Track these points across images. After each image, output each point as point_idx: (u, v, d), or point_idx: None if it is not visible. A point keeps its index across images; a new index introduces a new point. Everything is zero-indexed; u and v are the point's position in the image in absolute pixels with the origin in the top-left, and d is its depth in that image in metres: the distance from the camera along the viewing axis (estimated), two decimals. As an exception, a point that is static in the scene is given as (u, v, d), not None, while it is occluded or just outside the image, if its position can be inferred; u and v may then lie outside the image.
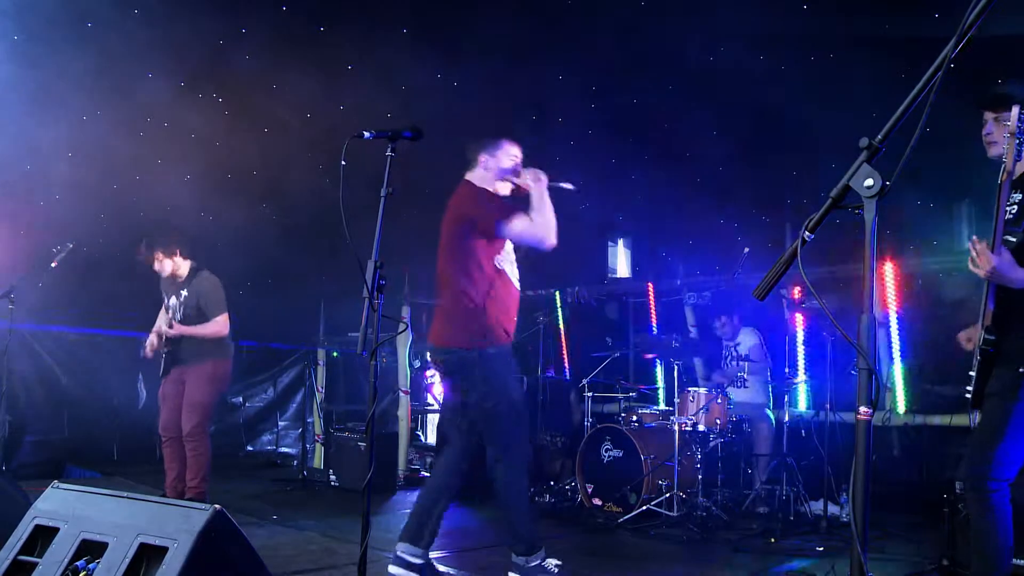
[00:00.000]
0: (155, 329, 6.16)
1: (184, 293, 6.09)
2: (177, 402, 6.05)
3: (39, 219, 7.29)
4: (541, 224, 4.30)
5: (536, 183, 4.42)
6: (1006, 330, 3.30)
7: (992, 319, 3.31)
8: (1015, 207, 3.38)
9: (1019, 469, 3.26)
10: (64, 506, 2.96)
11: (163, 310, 6.28)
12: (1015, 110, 3.08)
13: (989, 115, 3.46)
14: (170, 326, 6.01)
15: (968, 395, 3.43)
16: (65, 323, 8.67)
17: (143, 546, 2.69)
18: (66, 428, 8.40)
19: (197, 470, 5.98)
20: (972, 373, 3.41)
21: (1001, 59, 4.56)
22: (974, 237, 3.21)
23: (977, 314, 3.40)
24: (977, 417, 3.46)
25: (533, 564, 4.26)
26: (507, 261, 4.40)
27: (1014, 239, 3.26)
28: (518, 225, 4.25)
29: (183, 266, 6.12)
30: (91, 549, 2.78)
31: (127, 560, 2.67)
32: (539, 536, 4.37)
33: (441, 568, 4.64)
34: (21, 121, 5.87)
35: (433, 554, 4.96)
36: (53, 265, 6.42)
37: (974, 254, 3.18)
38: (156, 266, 6.10)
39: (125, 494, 2.93)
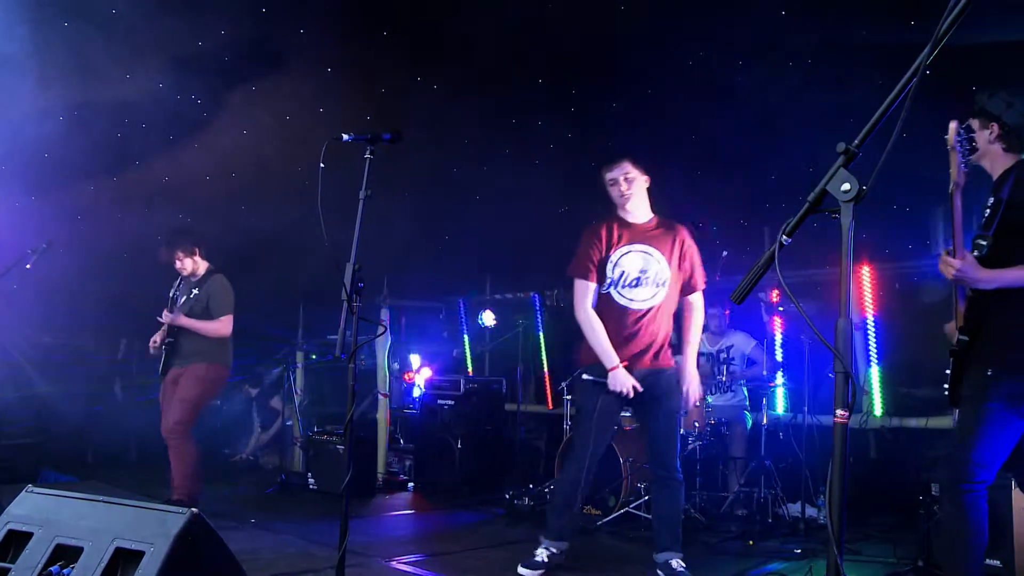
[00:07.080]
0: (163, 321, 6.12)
1: (195, 291, 6.15)
2: (171, 403, 5.96)
3: (14, 221, 7.20)
4: None
5: None
6: (977, 332, 3.35)
7: (964, 320, 3.38)
8: (988, 210, 3.43)
9: (997, 471, 3.27)
10: (38, 510, 2.92)
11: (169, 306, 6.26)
12: (953, 125, 3.12)
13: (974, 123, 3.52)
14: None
15: (947, 394, 3.49)
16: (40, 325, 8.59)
17: (119, 551, 2.67)
18: (40, 431, 8.29)
19: (182, 471, 5.87)
20: (948, 371, 3.46)
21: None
22: (947, 248, 3.31)
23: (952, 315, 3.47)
24: (957, 416, 3.50)
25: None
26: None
27: (984, 242, 3.32)
28: None
29: (202, 266, 6.28)
30: (66, 554, 2.74)
31: (102, 565, 2.64)
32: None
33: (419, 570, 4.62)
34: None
35: (411, 558, 4.95)
36: (28, 267, 6.34)
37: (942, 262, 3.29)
38: (177, 265, 6.22)
39: (100, 498, 2.90)
